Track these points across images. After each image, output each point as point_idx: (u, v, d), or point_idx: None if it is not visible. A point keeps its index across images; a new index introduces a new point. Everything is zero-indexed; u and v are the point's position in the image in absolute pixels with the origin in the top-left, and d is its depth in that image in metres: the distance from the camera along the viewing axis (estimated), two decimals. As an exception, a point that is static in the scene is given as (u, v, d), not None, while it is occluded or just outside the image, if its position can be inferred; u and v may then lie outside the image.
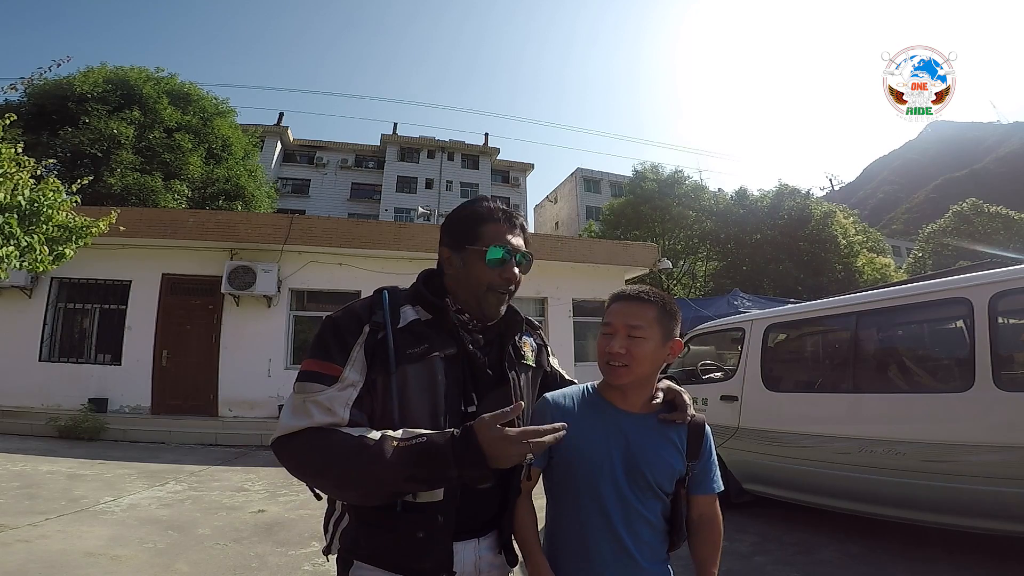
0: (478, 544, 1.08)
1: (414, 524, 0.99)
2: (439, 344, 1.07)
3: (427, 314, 1.10)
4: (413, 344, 1.05)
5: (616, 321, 1.18)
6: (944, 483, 3.02)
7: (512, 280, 1.13)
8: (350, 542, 1.05)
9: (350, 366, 1.01)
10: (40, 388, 8.37)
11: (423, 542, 0.99)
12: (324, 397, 0.98)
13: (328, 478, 0.98)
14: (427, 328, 1.08)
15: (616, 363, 1.15)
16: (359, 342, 1.03)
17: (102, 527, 4.00)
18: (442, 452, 0.91)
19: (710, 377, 5.09)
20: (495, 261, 1.10)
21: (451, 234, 1.15)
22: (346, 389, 0.99)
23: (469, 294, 1.12)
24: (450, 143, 37.31)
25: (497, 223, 1.13)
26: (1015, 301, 3.12)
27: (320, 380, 1.00)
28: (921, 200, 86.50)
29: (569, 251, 10.73)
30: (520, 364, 1.20)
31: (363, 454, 0.92)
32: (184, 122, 15.52)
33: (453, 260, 1.14)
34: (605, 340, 1.19)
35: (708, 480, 1.23)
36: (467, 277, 1.12)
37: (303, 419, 0.97)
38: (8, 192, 4.59)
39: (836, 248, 20.82)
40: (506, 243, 1.12)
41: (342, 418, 0.97)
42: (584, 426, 1.17)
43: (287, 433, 0.97)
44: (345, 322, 1.06)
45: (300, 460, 0.97)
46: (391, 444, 0.93)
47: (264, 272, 8.81)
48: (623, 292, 1.24)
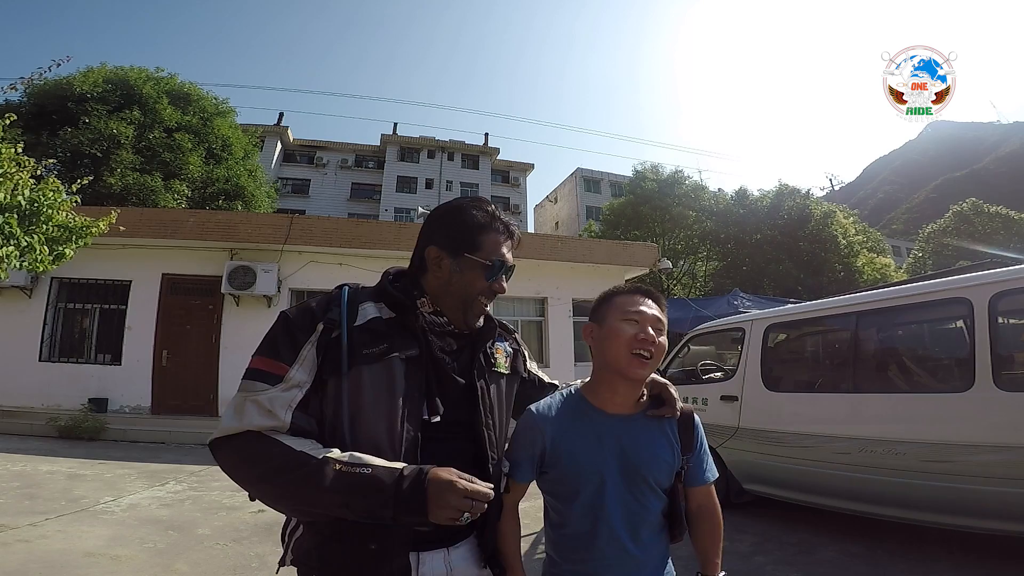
0: (448, 554, 1.02)
1: (366, 535, 0.92)
2: (400, 344, 1.01)
3: (390, 312, 1.04)
4: (371, 343, 0.99)
5: (645, 315, 1.16)
6: (944, 483, 3.02)
7: (501, 292, 1.11)
8: (303, 554, 1.00)
9: (298, 365, 0.95)
10: (40, 388, 8.37)
11: (376, 554, 0.93)
12: (265, 398, 0.92)
13: (261, 489, 0.93)
14: (388, 327, 1.02)
15: (647, 354, 1.13)
16: (311, 340, 0.97)
17: (102, 527, 4.00)
18: (382, 490, 0.86)
19: (710, 377, 5.09)
20: (493, 274, 1.08)
21: (447, 236, 1.09)
22: (291, 390, 0.94)
23: (456, 300, 1.08)
24: (450, 143, 37.30)
25: (498, 233, 1.10)
26: (1015, 301, 3.11)
27: (264, 379, 0.94)
28: (921, 200, 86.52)
29: (569, 251, 10.75)
30: (491, 372, 1.13)
31: (300, 471, 0.87)
32: (184, 122, 15.51)
33: (445, 263, 1.07)
34: (635, 328, 1.14)
35: (703, 471, 1.23)
36: (459, 283, 1.07)
37: (240, 422, 0.91)
38: (8, 192, 4.59)
39: (836, 248, 20.82)
40: (503, 256, 1.10)
41: (283, 422, 0.91)
42: (575, 435, 1.16)
43: (224, 435, 0.92)
44: (298, 319, 1.00)
45: (234, 464, 0.92)
46: (332, 467, 0.87)
47: (264, 272, 8.82)
48: (638, 287, 1.22)
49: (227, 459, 0.93)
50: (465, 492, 0.86)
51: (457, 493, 0.86)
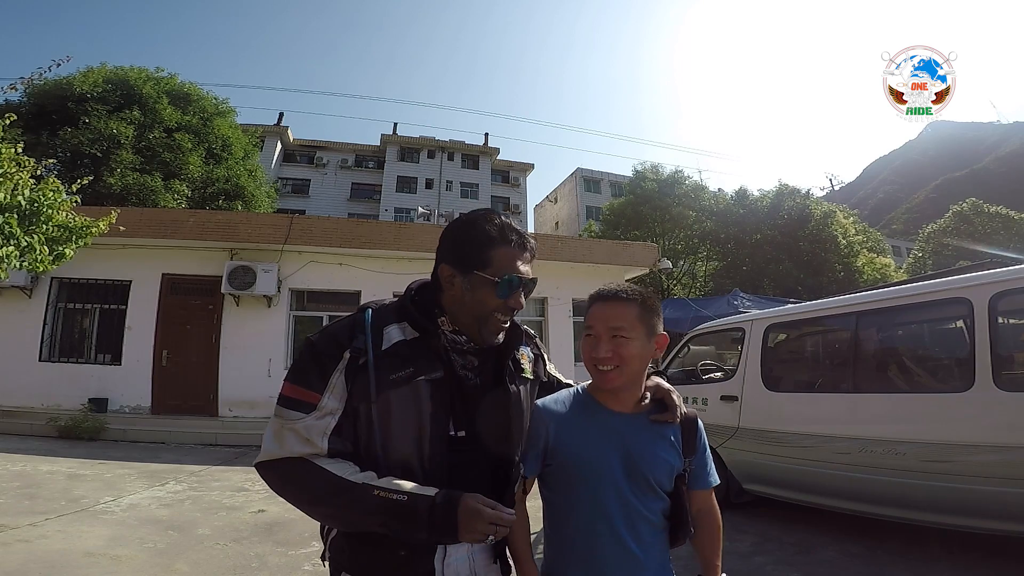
0: (471, 549, 1.06)
1: (397, 542, 0.98)
2: (425, 367, 1.03)
3: (413, 332, 1.06)
4: (397, 368, 1.01)
5: (598, 324, 1.15)
6: (944, 483, 3.02)
7: (518, 308, 1.10)
8: (337, 552, 1.07)
9: (328, 393, 0.99)
10: (40, 388, 8.37)
11: (405, 559, 1.00)
12: (302, 426, 0.98)
13: (312, 511, 1.01)
14: (412, 350, 1.04)
15: (605, 367, 1.13)
16: (338, 368, 1.00)
17: (102, 527, 4.00)
18: (418, 517, 0.93)
19: (710, 377, 5.09)
20: (505, 291, 1.06)
21: (456, 254, 1.07)
22: (324, 418, 0.98)
23: (470, 318, 1.07)
24: (450, 143, 37.31)
25: (509, 247, 1.07)
26: (1015, 301, 3.12)
27: (298, 408, 0.99)
28: (921, 200, 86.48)
29: (569, 251, 10.74)
30: (520, 377, 1.16)
31: (342, 496, 0.94)
32: (184, 122, 15.52)
33: (456, 281, 1.06)
34: (589, 345, 1.16)
35: (705, 475, 1.24)
36: (472, 302, 1.06)
37: (282, 448, 0.98)
38: (8, 192, 4.59)
39: (836, 248, 20.82)
40: (517, 271, 1.07)
41: (321, 448, 0.97)
42: (579, 430, 1.17)
43: (269, 459, 0.99)
44: (324, 346, 1.03)
45: (281, 487, 1.00)
46: (372, 494, 0.93)
47: (264, 272, 8.82)
48: (601, 292, 1.20)
49: (275, 481, 1.00)
50: (490, 519, 0.94)
51: (484, 519, 0.94)
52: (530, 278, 1.10)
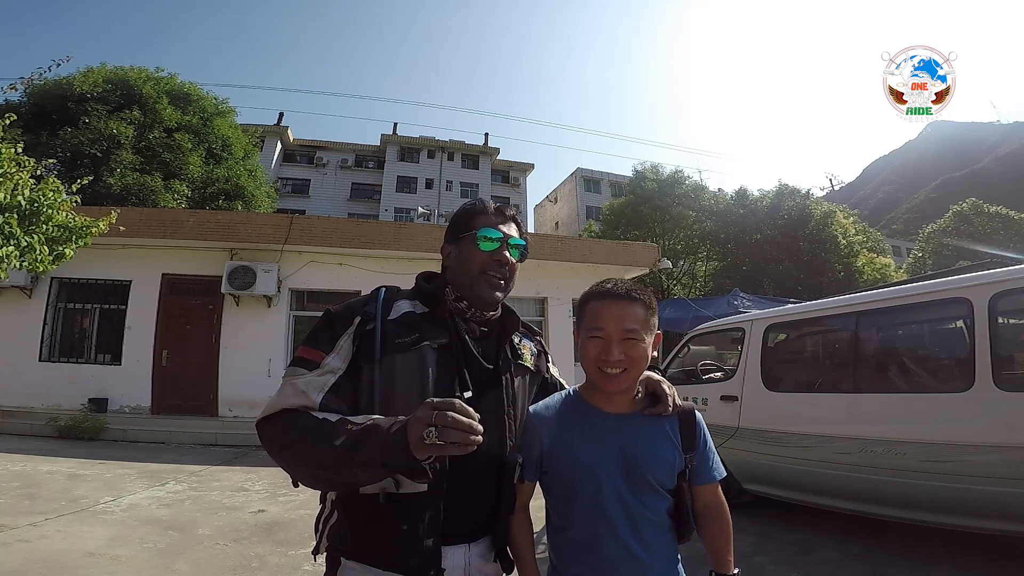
0: (468, 550, 1.07)
1: (397, 516, 0.99)
2: (431, 334, 1.09)
3: (423, 307, 1.13)
4: (404, 334, 1.07)
5: (609, 326, 1.10)
6: (944, 483, 3.02)
7: (504, 262, 1.15)
8: (338, 539, 1.06)
9: (334, 354, 1.04)
10: (40, 388, 8.36)
11: (407, 535, 0.99)
12: (302, 381, 1.01)
13: (285, 458, 0.98)
14: (420, 320, 1.10)
15: (614, 370, 1.09)
16: (348, 332, 1.06)
17: (102, 527, 4.00)
18: (378, 431, 0.90)
19: (710, 377, 5.09)
20: (486, 243, 1.14)
21: (450, 232, 1.22)
22: (324, 375, 1.02)
23: (465, 279, 1.15)
24: (450, 143, 37.30)
25: (488, 215, 1.19)
26: (1015, 301, 3.11)
27: (304, 365, 1.04)
28: (921, 200, 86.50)
29: (569, 251, 10.74)
30: (517, 365, 1.19)
31: (317, 432, 0.94)
32: (184, 122, 15.52)
33: (450, 251, 1.20)
34: (597, 347, 1.10)
35: (708, 469, 1.20)
36: (463, 263, 1.16)
37: (278, 400, 1.01)
38: (8, 192, 4.58)
39: (836, 248, 20.82)
40: (496, 228, 1.17)
41: (313, 402, 0.99)
42: (574, 435, 1.14)
43: (266, 415, 1.02)
44: (340, 313, 1.10)
45: (271, 437, 1.00)
46: (346, 428, 0.93)
47: (264, 272, 8.81)
48: (609, 291, 1.13)
49: (265, 436, 1.02)
50: (432, 405, 0.85)
51: (427, 406, 0.86)
52: (515, 237, 1.19)
